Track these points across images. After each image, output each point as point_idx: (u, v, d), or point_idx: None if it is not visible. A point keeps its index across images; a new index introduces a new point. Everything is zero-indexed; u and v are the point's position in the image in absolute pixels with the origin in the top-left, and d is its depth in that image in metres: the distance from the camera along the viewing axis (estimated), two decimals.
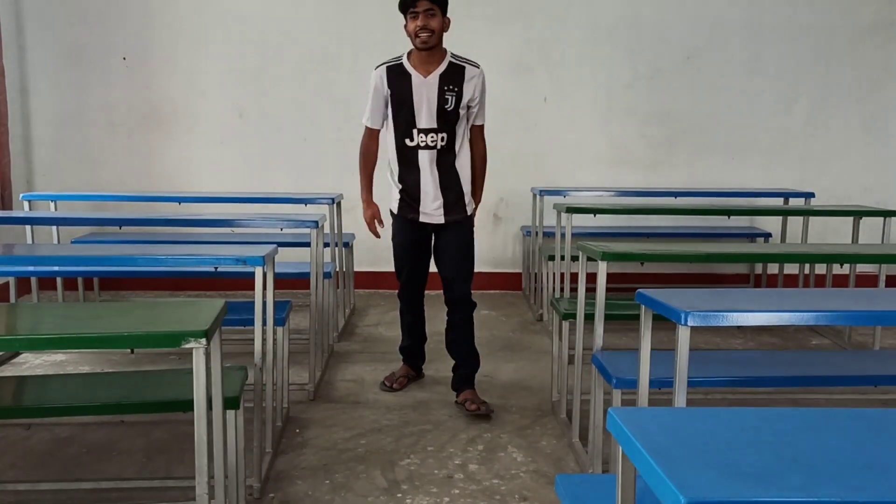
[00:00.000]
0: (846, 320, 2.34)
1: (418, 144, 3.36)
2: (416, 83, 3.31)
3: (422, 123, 3.33)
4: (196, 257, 2.66)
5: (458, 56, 3.39)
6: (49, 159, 5.65)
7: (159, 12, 5.57)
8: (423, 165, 3.37)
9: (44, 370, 3.89)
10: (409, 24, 3.26)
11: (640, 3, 5.73)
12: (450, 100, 3.30)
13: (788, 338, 4.74)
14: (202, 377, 1.77)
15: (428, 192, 3.39)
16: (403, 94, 3.32)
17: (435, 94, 3.29)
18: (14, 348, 1.73)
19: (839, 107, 5.89)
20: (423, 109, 3.30)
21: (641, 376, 2.22)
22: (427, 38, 3.23)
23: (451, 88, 3.30)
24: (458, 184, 3.43)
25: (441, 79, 3.30)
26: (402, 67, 3.35)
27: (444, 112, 3.31)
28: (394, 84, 3.34)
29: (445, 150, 3.38)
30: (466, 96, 3.33)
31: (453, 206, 3.43)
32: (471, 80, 3.34)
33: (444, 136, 3.35)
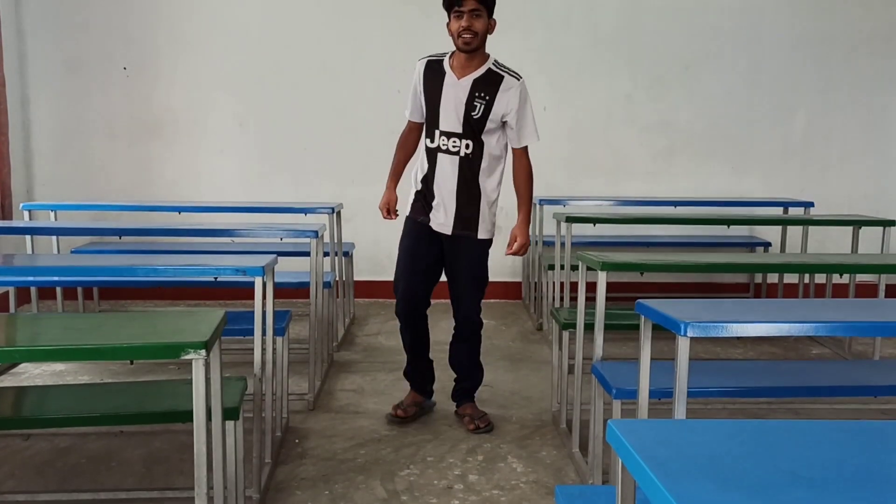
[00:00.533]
0: (845, 331, 2.33)
1: (439, 147, 3.20)
2: (448, 83, 3.15)
3: (445, 125, 3.17)
4: (196, 268, 2.66)
5: (500, 64, 3.19)
6: (49, 169, 5.65)
7: (160, 22, 5.59)
8: (441, 170, 3.20)
9: (43, 380, 3.89)
10: (452, 22, 3.08)
11: (640, 13, 5.75)
12: (478, 107, 3.11)
13: (789, 347, 4.74)
14: (202, 388, 1.77)
15: (444, 199, 3.21)
16: (433, 91, 3.18)
17: (464, 98, 3.12)
18: (15, 359, 1.74)
19: (838, 116, 5.90)
20: (448, 111, 3.14)
21: (641, 387, 2.22)
22: (470, 40, 3.05)
23: (481, 96, 3.11)
24: (477, 200, 3.21)
25: (474, 84, 3.13)
26: (440, 65, 3.20)
27: (469, 118, 3.13)
28: (428, 79, 3.21)
29: (469, 159, 3.18)
30: (499, 108, 3.13)
31: (465, 222, 3.22)
32: (507, 92, 3.13)
33: (468, 143, 3.16)
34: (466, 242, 3.25)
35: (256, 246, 4.65)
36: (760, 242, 5.67)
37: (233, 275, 2.62)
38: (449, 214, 3.22)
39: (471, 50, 3.09)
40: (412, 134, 3.38)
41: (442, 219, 3.24)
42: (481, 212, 3.23)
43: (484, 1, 3.04)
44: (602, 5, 5.73)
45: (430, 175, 3.24)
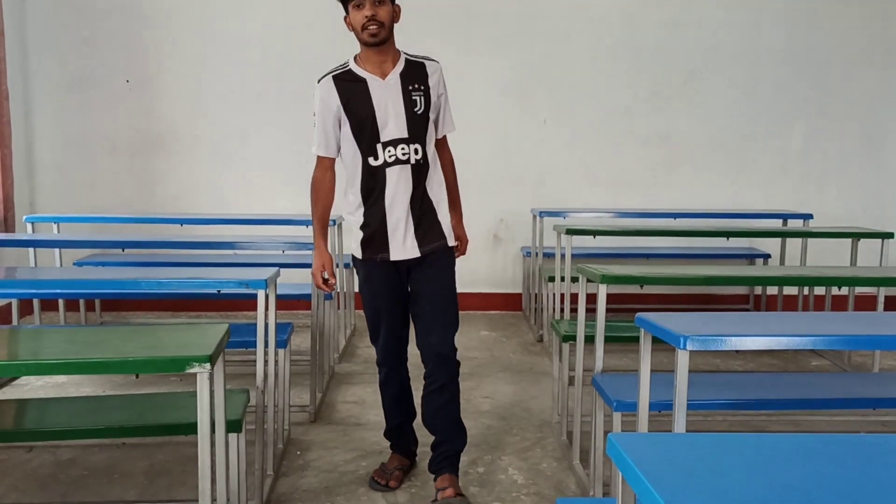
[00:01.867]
0: (843, 345, 2.35)
1: (386, 161, 2.70)
2: (375, 87, 2.69)
3: (388, 134, 2.69)
4: (200, 281, 2.68)
5: (411, 54, 2.81)
6: (52, 181, 5.68)
7: (162, 37, 5.63)
8: (393, 187, 2.71)
9: (45, 392, 3.90)
10: (352, 15, 2.65)
11: (639, 28, 5.79)
12: (418, 101, 2.72)
13: (789, 359, 4.75)
14: (206, 401, 1.78)
15: (399, 221, 2.73)
16: (361, 103, 2.69)
17: (399, 96, 2.70)
18: (22, 373, 1.75)
19: (837, 129, 5.93)
20: (388, 118, 2.68)
21: (641, 400, 2.23)
22: (377, 31, 2.63)
23: (417, 87, 2.72)
24: (431, 206, 2.79)
25: (403, 78, 2.72)
26: (351, 74, 2.72)
27: (414, 117, 2.71)
28: (346, 94, 2.70)
29: (421, 164, 2.74)
30: (434, 96, 2.77)
31: (429, 234, 2.78)
32: (434, 76, 2.78)
33: (417, 147, 2.72)
34: (435, 256, 2.80)
35: (258, 257, 4.67)
36: (760, 254, 5.69)
37: (236, 288, 2.65)
38: (410, 234, 2.75)
39: (379, 42, 2.66)
40: (329, 174, 2.85)
41: (404, 244, 2.76)
42: (439, 216, 2.81)
43: None
44: (602, 20, 5.77)
45: (377, 199, 2.73)
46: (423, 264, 2.79)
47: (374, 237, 2.77)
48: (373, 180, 2.73)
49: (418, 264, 2.79)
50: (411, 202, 2.73)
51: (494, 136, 5.79)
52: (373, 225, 2.76)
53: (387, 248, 2.76)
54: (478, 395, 4.00)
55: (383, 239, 2.75)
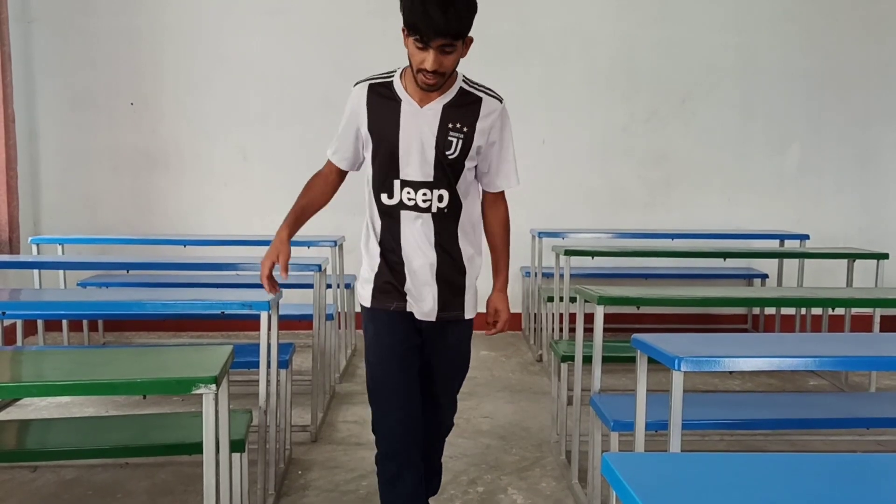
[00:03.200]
0: (839, 366, 2.39)
1: (401, 203, 2.30)
2: (408, 113, 2.26)
3: (408, 173, 2.27)
4: (204, 302, 2.72)
5: (472, 82, 2.33)
6: (56, 202, 5.74)
7: (166, 58, 5.70)
8: (410, 236, 2.31)
9: (49, 412, 3.93)
10: (410, 47, 2.16)
11: (636, 49, 5.87)
12: (454, 143, 2.25)
13: (786, 379, 4.79)
14: (211, 422, 1.82)
15: (417, 276, 2.34)
16: (387, 125, 2.27)
17: (433, 132, 2.25)
18: (32, 394, 1.79)
19: (832, 149, 6.00)
20: (412, 152, 2.25)
21: (638, 420, 2.27)
22: (435, 81, 2.18)
23: (457, 127, 2.25)
24: (461, 268, 2.37)
25: (445, 112, 2.25)
26: (390, 88, 2.30)
27: (443, 160, 2.26)
28: (375, 109, 2.30)
29: (444, 216, 2.31)
30: (480, 141, 2.29)
31: (449, 302, 2.37)
32: (488, 118, 2.29)
33: (442, 194, 2.29)
34: (450, 327, 2.41)
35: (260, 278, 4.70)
36: (758, 274, 5.74)
37: (239, 309, 2.69)
38: (428, 296, 2.34)
39: (432, 90, 2.23)
40: (329, 179, 2.49)
41: (422, 303, 2.36)
42: (468, 283, 2.40)
43: (458, 32, 2.11)
44: (599, 41, 5.85)
45: (392, 245, 2.34)
46: (437, 330, 2.39)
47: (387, 284, 2.36)
48: (386, 222, 2.34)
49: (434, 327, 2.39)
50: (438, 257, 2.33)
51: None
52: (388, 272, 2.36)
53: (404, 299, 2.36)
54: (477, 415, 4.03)
55: (399, 289, 2.35)
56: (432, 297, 2.35)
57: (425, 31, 2.07)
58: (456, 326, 2.42)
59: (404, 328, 2.37)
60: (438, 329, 2.39)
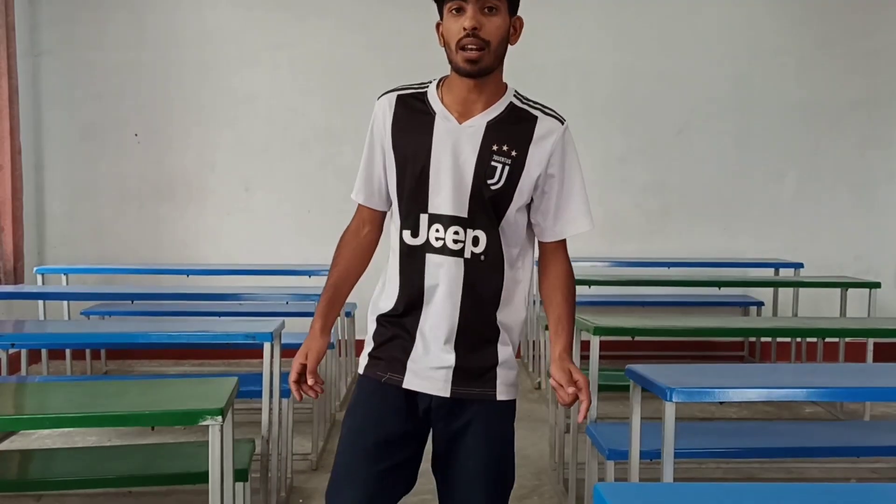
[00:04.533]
0: (830, 397, 2.46)
1: (428, 243, 1.80)
2: (443, 129, 1.80)
3: (438, 205, 1.79)
4: (208, 334, 2.79)
5: (526, 97, 1.88)
6: (60, 232, 5.82)
7: (171, 90, 5.81)
8: (434, 284, 1.81)
9: (52, 441, 3.97)
10: (446, 22, 1.75)
11: (633, 81, 5.98)
12: (498, 170, 1.78)
13: (782, 406, 4.82)
14: (217, 453, 1.88)
15: (432, 333, 1.82)
16: (414, 143, 1.81)
17: (473, 155, 1.78)
18: (42, 427, 1.84)
19: (827, 178, 6.08)
20: (444, 179, 1.78)
21: (632, 449, 2.32)
22: (478, 54, 1.72)
23: (503, 150, 1.78)
24: (495, 332, 1.85)
25: (489, 130, 1.79)
26: (422, 100, 1.84)
27: (482, 191, 1.78)
28: (403, 124, 1.84)
29: (481, 263, 1.81)
30: (533, 171, 1.81)
31: (474, 373, 1.82)
32: (544, 142, 1.83)
33: (477, 236, 1.80)
34: (476, 411, 1.82)
35: (263, 306, 4.77)
36: (754, 302, 5.79)
37: (243, 340, 2.75)
38: (444, 360, 1.81)
39: (481, 70, 1.75)
40: (361, 234, 1.95)
41: (430, 371, 1.82)
42: (501, 353, 1.85)
43: None
44: (597, 73, 5.96)
45: (410, 294, 1.84)
46: (456, 415, 1.82)
47: (387, 346, 1.87)
48: (409, 268, 1.83)
49: (451, 411, 1.82)
50: (462, 313, 1.80)
51: None
52: (393, 330, 1.87)
53: (402, 368, 1.83)
54: None
55: (401, 354, 1.84)
56: (448, 362, 1.80)
57: None
58: (482, 414, 1.81)
59: (391, 404, 1.83)
60: (454, 415, 1.82)
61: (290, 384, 1.92)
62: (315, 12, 5.84)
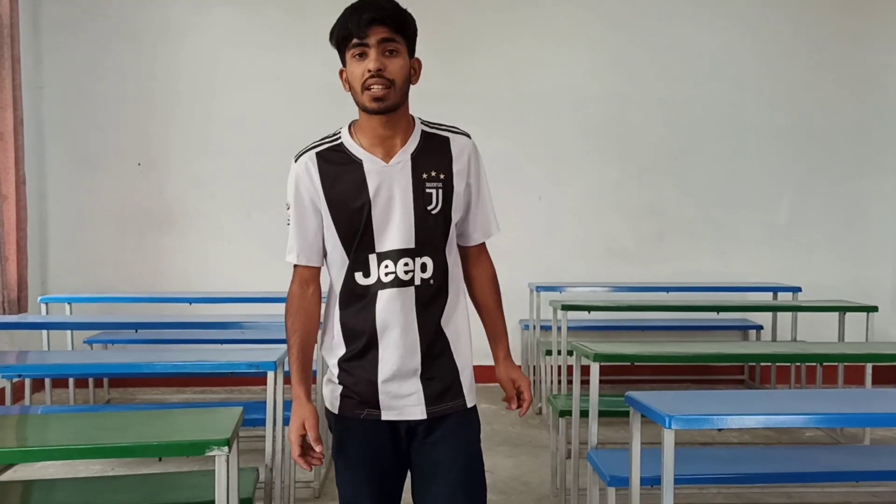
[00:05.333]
0: (831, 423, 2.49)
1: (380, 281, 1.91)
2: (374, 172, 1.90)
3: (387, 243, 1.91)
4: (213, 363, 2.81)
5: (432, 123, 2.00)
6: (63, 260, 5.86)
7: (172, 120, 5.88)
8: (386, 316, 1.91)
9: (55, 471, 3.98)
10: (350, 67, 1.87)
11: (627, 107, 6.05)
12: (434, 196, 1.92)
13: (783, 431, 4.83)
14: (224, 483, 1.90)
15: (397, 367, 1.92)
16: (351, 195, 1.91)
17: (409, 188, 1.90)
18: (53, 458, 1.86)
19: (821, 202, 6.14)
20: (389, 219, 1.90)
21: (633, 477, 2.35)
22: (383, 93, 1.83)
23: (434, 176, 1.92)
24: (447, 347, 1.97)
25: (415, 162, 1.92)
26: (342, 150, 1.94)
27: (425, 219, 1.91)
28: (331, 180, 1.93)
29: (429, 286, 1.93)
30: (459, 186, 1.95)
31: (441, 388, 1.96)
32: (461, 158, 1.96)
33: (424, 262, 1.92)
34: (450, 422, 1.96)
35: (264, 334, 4.79)
36: (752, 326, 5.83)
37: (247, 369, 2.78)
38: (413, 386, 1.93)
39: (387, 108, 1.86)
40: (310, 289, 2.04)
41: (403, 399, 1.94)
42: (460, 365, 1.98)
43: (401, 27, 1.85)
44: (591, 100, 6.04)
45: (364, 331, 1.93)
46: (433, 430, 1.96)
47: (357, 387, 1.95)
48: (360, 308, 1.93)
49: (427, 429, 1.96)
50: (421, 337, 1.92)
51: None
52: (358, 370, 1.95)
53: (376, 403, 1.94)
54: None
55: (372, 390, 1.93)
56: (419, 390, 1.92)
57: (357, 25, 1.81)
58: (456, 423, 1.96)
59: (374, 436, 1.95)
60: (430, 431, 1.95)
61: (296, 459, 1.96)
62: (312, 41, 5.87)
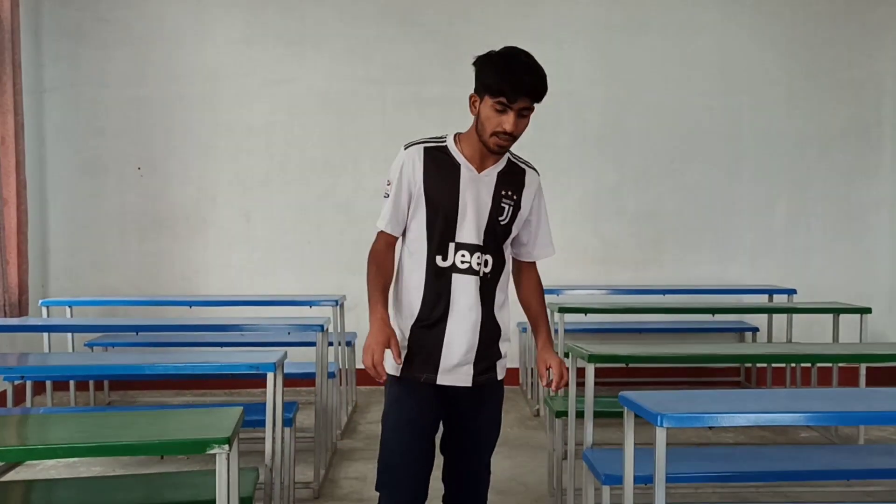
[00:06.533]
0: (822, 421, 2.53)
1: (454, 265, 2.34)
2: (467, 178, 2.34)
3: (463, 236, 2.33)
4: (214, 364, 2.85)
5: (515, 154, 2.45)
6: (64, 264, 5.90)
7: (171, 125, 5.92)
8: (459, 298, 2.33)
9: (57, 472, 4.01)
10: (487, 111, 2.26)
11: (625, 113, 6.10)
12: (506, 210, 2.37)
13: (778, 430, 4.87)
14: (224, 481, 1.94)
15: (459, 341, 2.33)
16: (445, 190, 2.33)
17: (489, 198, 2.35)
18: (58, 456, 1.89)
19: (817, 205, 6.19)
20: (468, 216, 2.33)
21: (626, 475, 2.38)
22: (508, 145, 2.31)
23: (509, 195, 2.38)
24: (498, 332, 2.42)
25: (500, 179, 2.37)
26: (446, 153, 2.37)
27: (495, 225, 2.36)
28: (433, 174, 2.34)
29: (488, 280, 2.38)
30: (524, 211, 2.42)
31: (487, 364, 2.40)
32: (530, 188, 2.42)
33: (488, 259, 2.36)
34: (486, 391, 2.43)
35: (264, 336, 4.83)
36: (748, 328, 5.87)
37: (247, 370, 2.82)
38: (467, 359, 2.35)
39: (503, 153, 2.37)
40: (390, 252, 2.43)
41: (457, 369, 2.36)
42: (502, 347, 2.46)
43: (541, 94, 2.26)
44: (589, 105, 6.08)
45: (437, 307, 2.34)
46: (472, 397, 2.40)
47: (422, 352, 2.35)
48: (436, 285, 2.34)
49: (469, 395, 2.39)
50: (482, 320, 2.36)
51: None
52: (426, 339, 2.35)
53: (435, 369, 2.35)
54: None
55: (434, 357, 2.34)
56: (469, 359, 2.35)
57: (513, 93, 2.19)
58: (490, 392, 2.44)
59: (427, 397, 2.36)
60: (474, 395, 2.39)
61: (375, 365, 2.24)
62: (313, 48, 5.98)
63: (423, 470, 2.36)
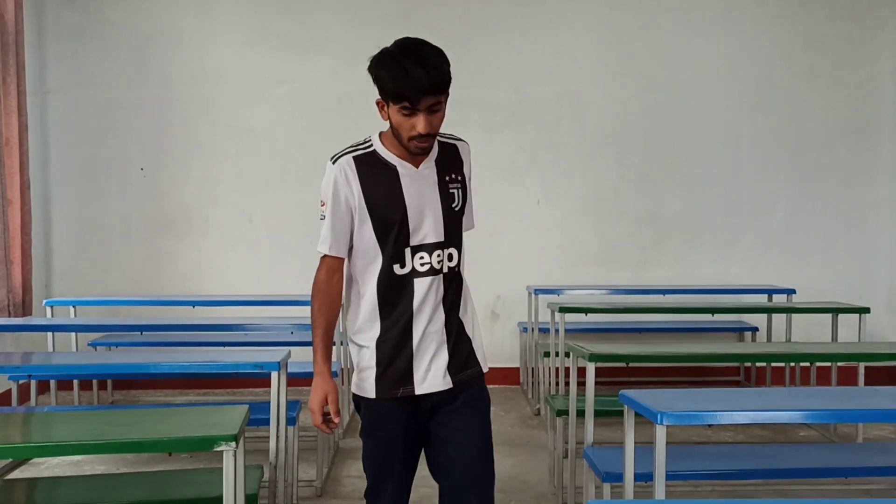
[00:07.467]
0: (820, 419, 2.56)
1: (414, 270, 2.19)
2: (408, 179, 2.18)
3: (421, 238, 2.18)
4: (218, 364, 2.88)
5: (442, 133, 2.28)
6: (67, 264, 5.93)
7: (174, 126, 5.96)
8: (422, 301, 2.19)
9: (61, 470, 4.05)
10: (396, 116, 2.12)
11: (626, 114, 6.13)
12: (456, 195, 2.24)
13: (777, 429, 4.90)
14: (231, 477, 1.97)
15: (429, 344, 2.20)
16: (389, 197, 2.17)
17: (436, 191, 2.21)
18: (69, 453, 1.93)
19: (817, 206, 6.21)
20: (421, 216, 2.18)
21: (626, 472, 2.42)
22: (428, 144, 2.16)
23: (454, 178, 2.25)
24: (463, 324, 2.28)
25: (438, 167, 2.23)
26: (377, 157, 2.20)
27: (452, 215, 2.23)
28: (370, 183, 2.18)
29: (453, 274, 2.24)
30: (468, 184, 2.31)
31: (463, 359, 2.26)
32: (466, 160, 2.32)
33: (451, 252, 2.23)
34: (472, 392, 2.28)
35: (266, 336, 4.86)
36: (748, 328, 5.89)
37: (251, 370, 2.85)
38: (442, 360, 2.22)
39: (427, 153, 2.20)
40: (336, 277, 2.25)
41: (433, 373, 2.21)
42: (473, 335, 2.32)
43: (442, 86, 2.11)
44: (590, 105, 6.11)
45: (401, 318, 2.19)
46: (455, 400, 2.23)
47: (392, 366, 2.19)
48: (396, 293, 2.19)
49: (448, 400, 2.23)
50: (447, 320, 2.22)
51: (491, 216, 6.05)
52: (393, 351, 2.19)
53: (411, 380, 2.19)
54: None
55: (406, 368, 2.19)
56: (444, 362, 2.21)
57: (412, 95, 2.04)
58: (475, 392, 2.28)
59: (405, 413, 2.22)
60: (456, 398, 2.23)
61: (318, 426, 2.20)
62: (314, 48, 6.01)
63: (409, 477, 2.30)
